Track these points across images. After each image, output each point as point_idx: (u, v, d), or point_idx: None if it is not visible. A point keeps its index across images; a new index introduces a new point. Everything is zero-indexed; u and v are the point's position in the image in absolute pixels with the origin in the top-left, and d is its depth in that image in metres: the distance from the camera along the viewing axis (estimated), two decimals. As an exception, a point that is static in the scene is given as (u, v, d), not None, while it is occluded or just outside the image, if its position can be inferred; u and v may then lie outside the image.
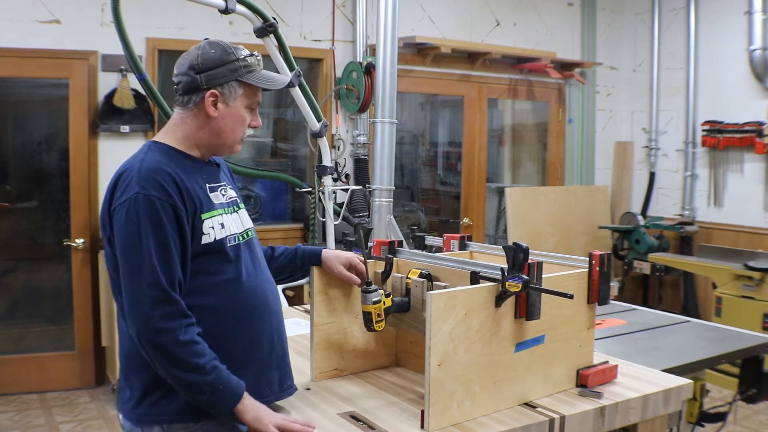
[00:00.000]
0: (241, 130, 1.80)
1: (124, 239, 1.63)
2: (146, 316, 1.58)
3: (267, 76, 1.81)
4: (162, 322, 1.59)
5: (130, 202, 1.62)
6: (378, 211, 3.37)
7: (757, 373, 2.88)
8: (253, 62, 1.78)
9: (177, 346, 1.59)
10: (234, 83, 1.75)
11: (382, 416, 1.80)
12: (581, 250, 6.01)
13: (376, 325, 1.90)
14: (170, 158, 1.73)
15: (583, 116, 6.58)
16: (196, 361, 1.60)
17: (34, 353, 4.71)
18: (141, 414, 1.70)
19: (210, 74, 1.73)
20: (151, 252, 1.60)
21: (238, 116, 1.77)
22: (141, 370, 1.68)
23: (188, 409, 1.68)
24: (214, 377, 1.62)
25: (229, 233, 1.76)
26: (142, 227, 1.61)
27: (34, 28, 4.42)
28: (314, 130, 3.36)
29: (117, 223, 1.64)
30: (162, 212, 1.62)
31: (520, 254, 1.72)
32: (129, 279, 1.62)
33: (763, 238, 5.59)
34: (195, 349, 1.61)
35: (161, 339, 1.59)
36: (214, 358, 1.64)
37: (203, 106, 1.74)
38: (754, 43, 5.55)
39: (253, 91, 1.79)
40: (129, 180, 1.65)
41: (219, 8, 2.76)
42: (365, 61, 5.12)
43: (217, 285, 1.72)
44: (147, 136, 4.75)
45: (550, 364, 1.94)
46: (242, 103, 1.77)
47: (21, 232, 4.90)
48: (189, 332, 1.62)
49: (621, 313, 3.23)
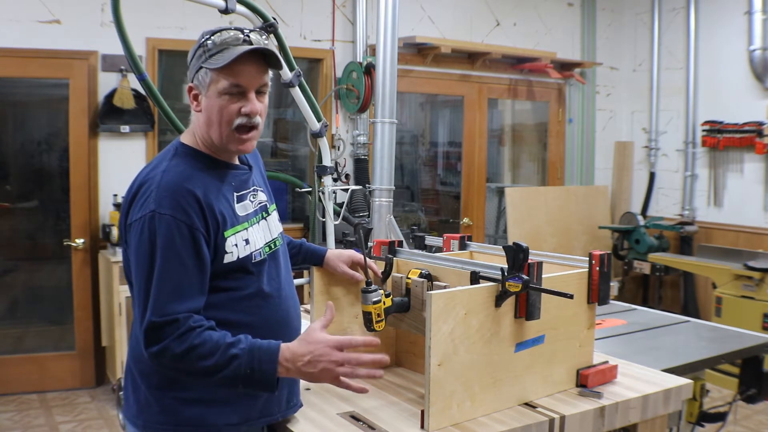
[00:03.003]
0: (226, 121, 1.62)
1: (135, 258, 1.57)
2: (143, 341, 1.53)
3: (225, 54, 1.59)
4: (154, 345, 1.52)
5: (144, 220, 1.55)
6: (378, 211, 3.36)
7: (757, 373, 2.88)
8: (215, 42, 1.61)
9: (177, 360, 1.51)
10: (201, 72, 1.63)
11: (382, 416, 1.80)
12: (581, 250, 6.01)
13: (376, 325, 1.90)
14: (196, 166, 1.64)
15: (583, 116, 6.58)
16: (205, 365, 1.51)
17: (34, 353, 4.71)
18: (147, 421, 1.65)
19: (190, 67, 1.66)
20: (158, 275, 1.53)
21: (214, 106, 1.62)
22: (149, 377, 1.64)
23: (198, 417, 1.63)
24: (236, 367, 1.51)
25: (254, 248, 1.67)
26: (153, 248, 1.53)
27: (34, 28, 4.42)
28: (314, 130, 3.36)
29: (132, 239, 1.58)
30: (176, 233, 1.54)
31: (520, 254, 1.72)
32: (136, 297, 1.58)
33: (763, 238, 5.59)
34: (199, 353, 1.51)
35: (162, 361, 1.53)
36: (228, 348, 1.51)
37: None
38: (754, 43, 5.56)
39: (222, 74, 1.60)
40: (148, 194, 1.57)
41: (219, 8, 2.76)
42: (365, 61, 5.12)
43: (239, 300, 1.65)
44: (147, 136, 4.75)
45: (550, 364, 1.94)
46: (215, 90, 1.62)
47: (21, 232, 4.90)
48: (185, 341, 1.51)
49: (621, 313, 3.22)
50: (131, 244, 1.59)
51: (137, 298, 1.58)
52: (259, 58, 1.64)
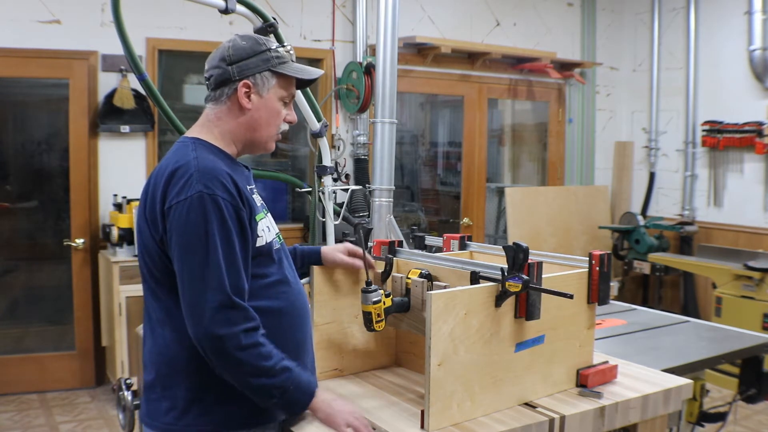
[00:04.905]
0: (276, 124, 1.73)
1: (186, 240, 1.54)
2: (208, 322, 1.52)
3: (300, 68, 1.74)
4: (224, 328, 1.52)
5: (192, 200, 1.53)
6: (378, 211, 3.36)
7: (757, 373, 2.88)
8: (285, 53, 1.72)
9: (240, 350, 1.53)
10: (267, 73, 1.68)
11: (382, 416, 1.80)
12: (581, 250, 6.01)
13: (376, 325, 1.90)
14: (219, 158, 1.65)
15: (583, 116, 6.58)
16: (262, 365, 1.55)
17: (34, 353, 4.71)
18: (186, 426, 1.62)
19: (242, 65, 1.67)
20: (218, 255, 1.53)
21: (272, 108, 1.71)
22: (186, 378, 1.62)
23: (237, 419, 1.63)
24: (284, 379, 1.58)
25: (273, 236, 1.73)
26: (207, 228, 1.53)
27: (34, 28, 4.42)
28: (314, 130, 3.36)
29: (175, 221, 1.54)
30: (227, 213, 1.55)
31: (520, 254, 1.72)
32: (190, 282, 1.54)
33: (763, 238, 5.59)
34: (260, 351, 1.55)
35: (224, 345, 1.52)
36: (282, 359, 1.59)
37: (236, 98, 1.68)
38: (754, 43, 5.56)
39: (286, 82, 1.72)
40: (188, 176, 1.55)
41: (219, 8, 2.76)
42: (365, 61, 5.12)
43: (267, 287, 1.68)
44: (147, 136, 4.75)
45: (550, 364, 1.94)
46: (276, 94, 1.71)
47: (21, 232, 4.90)
48: (253, 336, 1.55)
49: (621, 313, 3.22)
50: (175, 226, 1.55)
51: (189, 280, 1.54)
52: None
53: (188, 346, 1.59)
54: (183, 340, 1.60)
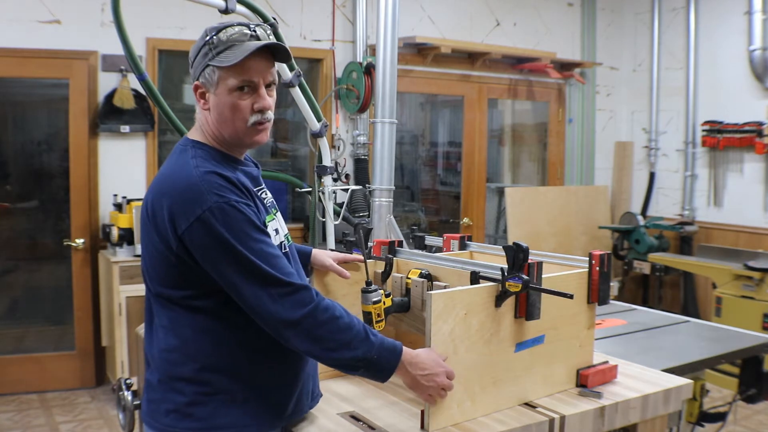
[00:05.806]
0: (242, 118, 1.60)
1: (217, 255, 1.52)
2: (278, 315, 1.51)
3: (235, 51, 1.56)
4: (293, 312, 1.51)
5: (212, 212, 1.50)
6: (378, 211, 3.36)
7: (757, 373, 2.88)
8: (221, 39, 1.57)
9: (318, 327, 1.52)
10: (208, 70, 1.59)
11: (382, 416, 1.80)
12: (581, 250, 6.01)
13: (376, 325, 1.90)
14: (218, 160, 1.62)
15: (583, 116, 6.58)
16: (341, 337, 1.53)
17: (34, 353, 4.71)
18: (186, 428, 1.60)
19: (194, 65, 1.62)
20: (253, 254, 1.51)
21: (226, 103, 1.59)
22: (189, 383, 1.60)
23: (240, 423, 1.61)
24: (366, 349, 1.55)
25: (282, 239, 1.70)
26: (232, 235, 1.50)
27: (34, 28, 4.42)
28: (314, 130, 3.36)
29: (198, 240, 1.51)
30: (244, 212, 1.53)
31: (520, 254, 1.72)
32: (243, 291, 1.53)
33: (763, 238, 5.59)
34: (339, 325, 1.54)
35: (300, 328, 1.51)
36: (364, 328, 1.57)
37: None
38: (754, 43, 5.56)
39: (231, 71, 1.57)
40: (197, 191, 1.51)
41: (219, 8, 2.77)
42: (365, 61, 5.12)
43: None
44: (147, 136, 4.75)
45: (550, 364, 1.94)
46: (225, 88, 1.58)
47: (21, 232, 4.90)
48: (328, 310, 1.54)
49: (621, 313, 3.23)
50: (199, 244, 1.52)
51: (241, 290, 1.52)
52: (267, 52, 1.61)
53: (192, 355, 1.59)
54: (187, 348, 1.60)
